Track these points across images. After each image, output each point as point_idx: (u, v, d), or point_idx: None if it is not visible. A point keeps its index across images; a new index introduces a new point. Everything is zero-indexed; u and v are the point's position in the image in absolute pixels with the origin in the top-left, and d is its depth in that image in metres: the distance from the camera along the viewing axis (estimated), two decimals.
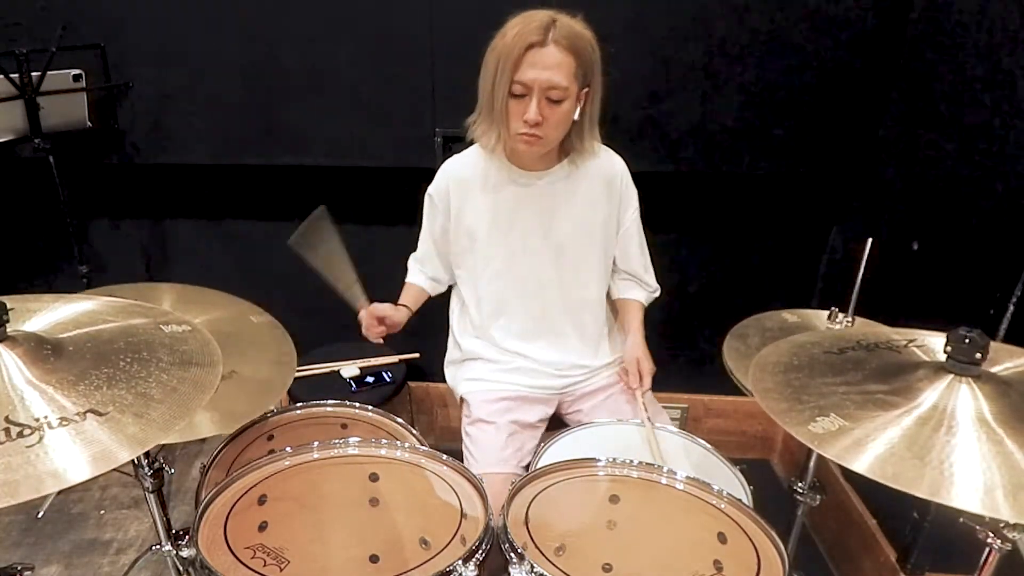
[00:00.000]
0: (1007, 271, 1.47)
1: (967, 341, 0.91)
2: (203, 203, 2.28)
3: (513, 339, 1.56)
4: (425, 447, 1.22)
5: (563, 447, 1.38)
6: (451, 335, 1.69)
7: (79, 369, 0.86)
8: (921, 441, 0.84)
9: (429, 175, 1.53)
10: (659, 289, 1.64)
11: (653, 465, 1.15)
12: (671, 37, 1.87)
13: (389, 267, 1.65)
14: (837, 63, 1.88)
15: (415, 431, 1.38)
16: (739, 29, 1.85)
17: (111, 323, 0.98)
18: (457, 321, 1.66)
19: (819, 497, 1.33)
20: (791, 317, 1.55)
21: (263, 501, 1.11)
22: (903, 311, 1.49)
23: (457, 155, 1.52)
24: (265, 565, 1.05)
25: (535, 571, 0.97)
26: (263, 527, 1.10)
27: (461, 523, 1.10)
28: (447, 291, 1.67)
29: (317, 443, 1.16)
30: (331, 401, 1.43)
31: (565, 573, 1.02)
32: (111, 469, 0.75)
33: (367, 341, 1.52)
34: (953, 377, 0.92)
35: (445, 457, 1.17)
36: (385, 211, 2.22)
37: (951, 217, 1.72)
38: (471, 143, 1.47)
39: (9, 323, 0.85)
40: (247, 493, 1.10)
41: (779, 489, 2.22)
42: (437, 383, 2.24)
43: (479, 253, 1.51)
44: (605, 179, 1.49)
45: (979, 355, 0.91)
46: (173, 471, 1.38)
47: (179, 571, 1.21)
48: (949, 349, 0.93)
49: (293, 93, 1.99)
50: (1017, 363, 1.00)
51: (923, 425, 0.87)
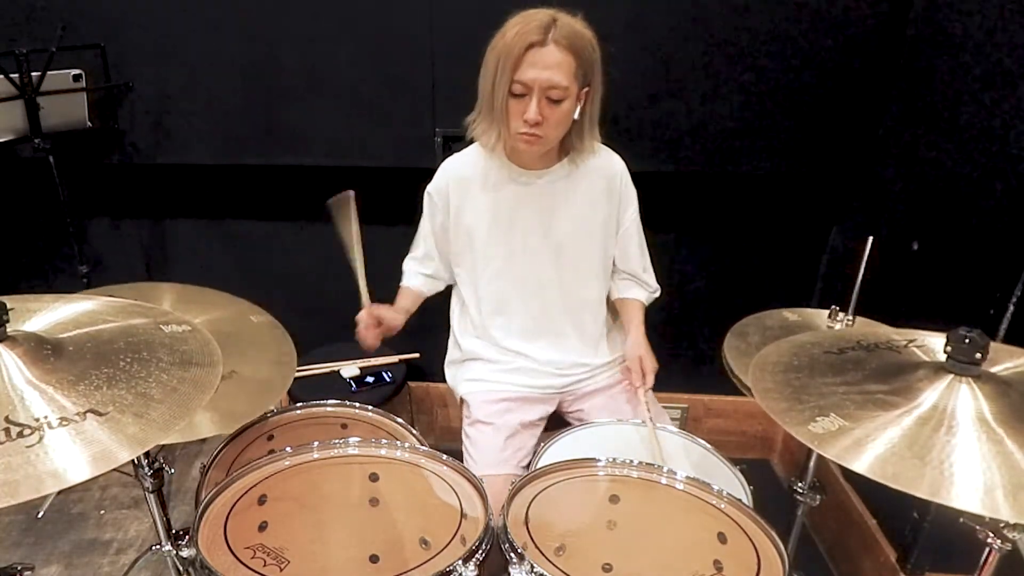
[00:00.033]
0: (1007, 271, 1.47)
1: (967, 341, 0.91)
2: (203, 203, 2.28)
3: (513, 338, 1.56)
4: (425, 447, 1.22)
5: (563, 447, 1.38)
6: (451, 335, 1.69)
7: (79, 369, 0.86)
8: (921, 441, 0.84)
9: (429, 175, 1.53)
10: (659, 289, 1.64)
11: (653, 465, 1.15)
12: (671, 37, 1.87)
13: (389, 267, 1.65)
14: (837, 63, 1.88)
15: (415, 431, 1.37)
16: (739, 29, 1.85)
17: (111, 323, 0.98)
18: (457, 321, 1.66)
19: (819, 497, 1.32)
20: (791, 316, 1.55)
21: (263, 501, 1.11)
22: (903, 311, 1.49)
23: (457, 154, 1.52)
24: (265, 565, 1.05)
25: (535, 571, 0.97)
26: (263, 527, 1.10)
27: (461, 523, 1.10)
28: (447, 291, 1.67)
29: (317, 443, 1.16)
30: (331, 401, 1.43)
31: (565, 573, 1.02)
32: (111, 469, 0.75)
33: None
34: (953, 377, 0.92)
35: (445, 457, 1.17)
36: (385, 211, 2.21)
37: (951, 217, 1.72)
38: (471, 142, 1.47)
39: (9, 323, 0.85)
40: (247, 493, 1.10)
41: (779, 489, 2.22)
42: (437, 383, 2.24)
43: (479, 252, 1.51)
44: (605, 178, 1.49)
45: (979, 355, 0.91)
46: (173, 471, 1.38)
47: (179, 571, 1.21)
48: (949, 349, 0.93)
49: (293, 93, 1.99)
50: (1017, 363, 1.00)
51: (923, 425, 0.87)
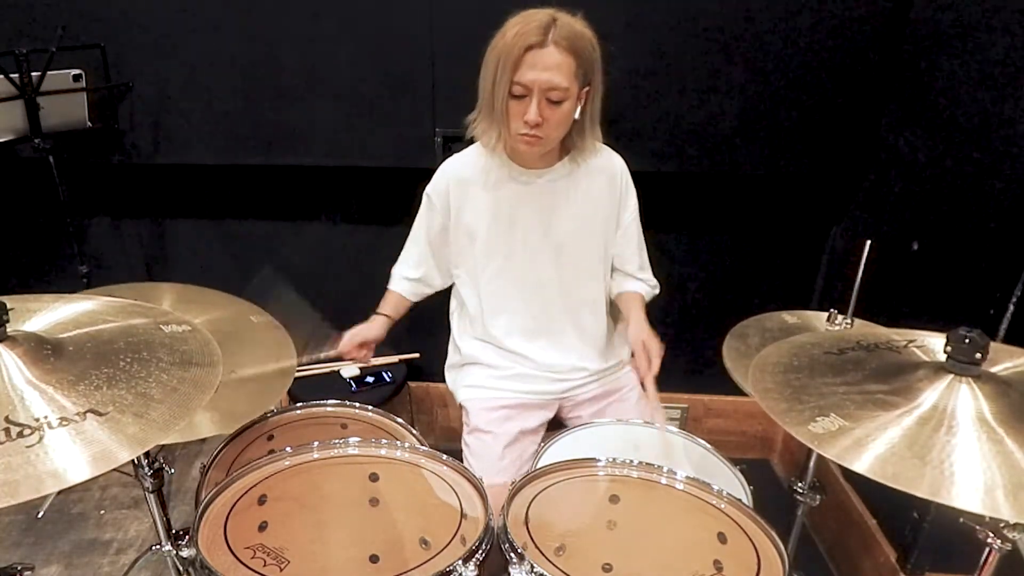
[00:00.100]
0: (1007, 271, 1.47)
1: (967, 341, 0.91)
2: (203, 203, 2.28)
3: (514, 338, 1.56)
4: (425, 447, 1.22)
5: (563, 447, 1.38)
6: (451, 339, 1.69)
7: (79, 369, 0.85)
8: (921, 441, 0.84)
9: (429, 175, 1.53)
10: (658, 286, 1.64)
11: (653, 465, 1.15)
12: (671, 37, 1.87)
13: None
14: (837, 63, 1.88)
15: (415, 431, 1.37)
16: (739, 29, 1.85)
17: (111, 323, 0.98)
18: (456, 324, 1.66)
19: (819, 497, 1.33)
20: (791, 318, 1.55)
21: (263, 501, 1.11)
22: (903, 313, 1.49)
23: (456, 155, 1.52)
24: (265, 565, 1.05)
25: (535, 571, 0.97)
26: (263, 527, 1.10)
27: (461, 523, 1.10)
28: (447, 291, 1.67)
29: (317, 443, 1.16)
30: (331, 401, 1.43)
31: (565, 573, 1.02)
32: (111, 469, 0.75)
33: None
34: (953, 377, 0.92)
35: (445, 457, 1.17)
36: (385, 211, 2.22)
37: (951, 217, 1.72)
38: (471, 142, 1.47)
39: (9, 323, 0.85)
40: (247, 493, 1.10)
41: (779, 489, 2.22)
42: (437, 383, 2.24)
43: (479, 251, 1.51)
44: (605, 177, 1.49)
45: (979, 355, 0.91)
46: (173, 471, 1.38)
47: (179, 571, 1.21)
48: (949, 349, 0.93)
49: (293, 93, 1.99)
50: (1017, 363, 1.00)
51: (923, 425, 0.87)
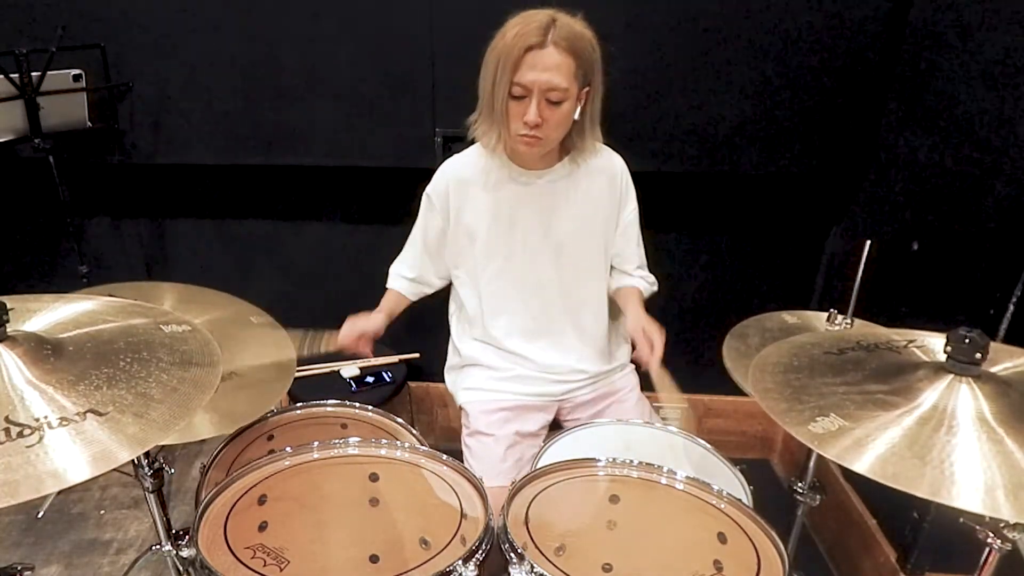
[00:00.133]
0: (1007, 271, 1.47)
1: (967, 341, 0.91)
2: (203, 203, 2.28)
3: (514, 338, 1.56)
4: (425, 447, 1.21)
5: (563, 447, 1.38)
6: (451, 341, 1.69)
7: (79, 369, 0.85)
8: (921, 441, 0.84)
9: (429, 175, 1.53)
10: (656, 284, 1.64)
11: (653, 465, 1.15)
12: (671, 37, 1.87)
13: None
14: (837, 63, 1.88)
15: (415, 431, 1.37)
16: (739, 29, 1.85)
17: (111, 323, 0.98)
18: (456, 326, 1.66)
19: (819, 497, 1.32)
20: (791, 318, 1.55)
21: (263, 501, 1.11)
22: (903, 312, 1.49)
23: (456, 155, 1.52)
24: (265, 565, 1.05)
25: (535, 571, 0.97)
26: (263, 527, 1.10)
27: (461, 523, 1.10)
28: (446, 290, 1.67)
29: (317, 443, 1.16)
30: (331, 401, 1.43)
31: (565, 573, 1.02)
32: (111, 469, 0.75)
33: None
34: (953, 377, 0.92)
35: (445, 457, 1.17)
36: (385, 211, 2.22)
37: (951, 217, 1.72)
38: (471, 142, 1.47)
39: (9, 323, 0.85)
40: (247, 493, 1.10)
41: (779, 489, 2.22)
42: (437, 383, 2.23)
43: (479, 252, 1.51)
44: (606, 178, 1.49)
45: (979, 355, 0.91)
46: (173, 471, 1.39)
47: (179, 571, 1.21)
48: (949, 349, 0.93)
49: (293, 93, 1.99)
50: (1017, 363, 1.00)
51: (923, 425, 0.87)
